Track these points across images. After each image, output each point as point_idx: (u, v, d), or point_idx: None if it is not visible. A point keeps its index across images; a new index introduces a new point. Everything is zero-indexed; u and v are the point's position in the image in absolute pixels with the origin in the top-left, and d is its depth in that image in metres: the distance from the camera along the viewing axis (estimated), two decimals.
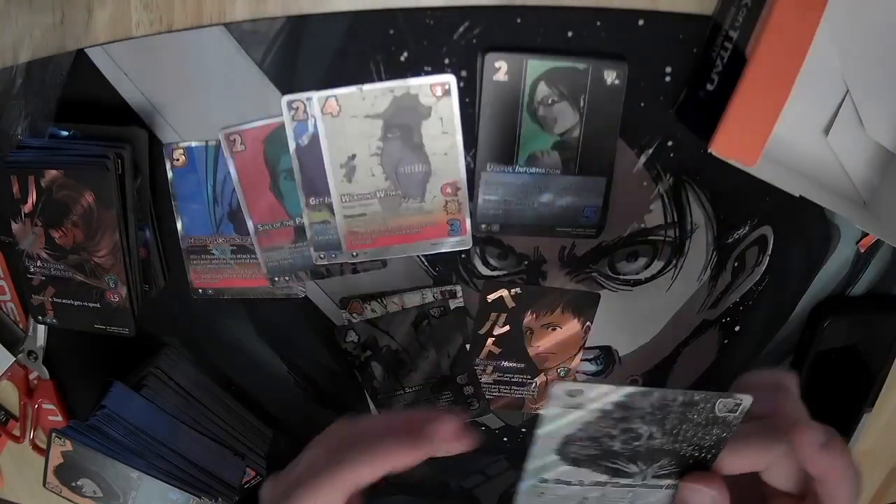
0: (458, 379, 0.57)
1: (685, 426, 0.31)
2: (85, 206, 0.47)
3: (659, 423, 0.31)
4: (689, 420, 0.31)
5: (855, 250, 0.54)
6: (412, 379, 0.56)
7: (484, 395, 0.58)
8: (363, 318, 0.53)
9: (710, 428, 0.31)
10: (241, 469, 0.56)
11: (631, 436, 0.32)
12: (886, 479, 0.70)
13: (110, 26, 0.44)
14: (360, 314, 0.53)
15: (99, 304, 0.50)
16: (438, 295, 0.53)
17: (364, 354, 0.55)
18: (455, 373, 0.56)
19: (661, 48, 0.44)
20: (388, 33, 0.44)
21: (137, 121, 0.47)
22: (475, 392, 0.57)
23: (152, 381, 0.54)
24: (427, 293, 0.52)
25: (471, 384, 0.57)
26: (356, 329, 0.54)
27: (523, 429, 0.61)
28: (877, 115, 0.46)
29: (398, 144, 0.46)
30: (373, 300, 0.53)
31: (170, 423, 0.53)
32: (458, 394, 0.57)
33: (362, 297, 0.53)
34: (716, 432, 0.32)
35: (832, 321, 0.55)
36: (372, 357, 0.55)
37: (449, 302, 0.53)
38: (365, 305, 0.53)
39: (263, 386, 0.59)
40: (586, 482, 0.34)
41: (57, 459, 0.50)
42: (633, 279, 0.53)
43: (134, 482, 0.49)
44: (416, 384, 0.57)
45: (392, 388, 0.57)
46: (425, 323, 0.53)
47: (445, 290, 0.52)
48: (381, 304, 0.53)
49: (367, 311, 0.53)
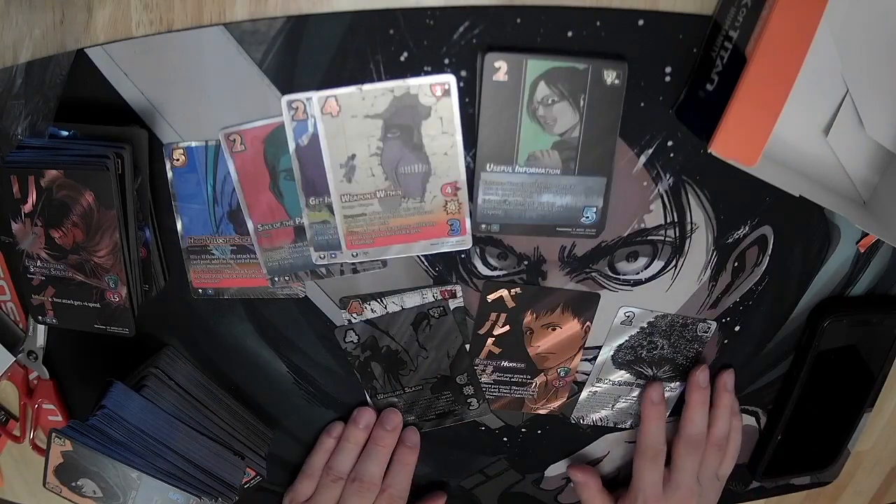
0: (458, 379, 0.57)
1: (682, 341, 0.53)
2: (85, 206, 0.47)
3: (667, 337, 0.54)
4: (684, 336, 0.55)
5: (855, 250, 0.54)
6: (412, 379, 0.56)
7: (484, 395, 0.58)
8: (363, 318, 0.53)
9: (693, 343, 0.53)
10: (241, 469, 0.56)
11: (652, 346, 0.55)
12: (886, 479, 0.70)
13: (110, 26, 0.44)
14: (359, 314, 0.53)
15: (99, 304, 0.50)
16: (438, 295, 0.53)
17: (364, 354, 0.55)
18: (455, 373, 0.56)
19: (661, 48, 0.44)
20: (388, 33, 0.44)
21: (137, 121, 0.47)
22: (475, 392, 0.57)
23: (152, 381, 0.54)
24: (427, 293, 0.52)
25: (470, 384, 0.57)
26: (356, 329, 0.54)
27: (523, 429, 0.61)
28: (877, 115, 0.46)
29: (398, 144, 0.46)
30: (372, 300, 0.53)
31: (170, 423, 0.53)
32: (457, 394, 0.58)
33: (362, 297, 0.53)
34: (695, 347, 0.56)
35: (832, 321, 0.55)
36: (371, 357, 0.55)
37: (449, 302, 0.53)
38: (365, 305, 0.53)
39: (263, 386, 0.59)
40: (617, 382, 0.57)
41: (57, 459, 0.50)
42: (633, 279, 0.53)
43: (134, 482, 0.49)
44: (416, 384, 0.57)
45: (392, 388, 0.57)
46: (425, 323, 0.53)
47: (445, 290, 0.52)
48: (381, 304, 0.53)
49: (366, 310, 0.53)
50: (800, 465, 0.65)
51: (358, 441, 0.58)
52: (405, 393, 0.57)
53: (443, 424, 0.60)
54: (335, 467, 0.58)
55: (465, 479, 0.64)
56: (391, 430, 0.58)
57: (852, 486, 0.69)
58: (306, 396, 0.59)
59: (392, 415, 0.58)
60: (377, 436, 0.58)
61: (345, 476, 0.57)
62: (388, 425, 0.58)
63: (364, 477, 0.57)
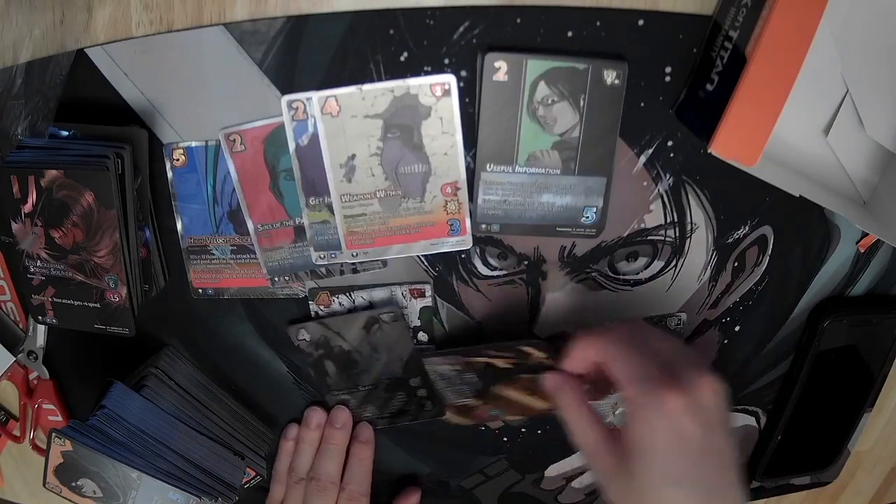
0: (412, 381, 0.56)
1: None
2: (85, 206, 0.47)
3: None
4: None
5: (855, 250, 0.54)
6: (365, 378, 0.56)
7: (439, 398, 0.57)
8: (331, 310, 0.53)
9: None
10: (241, 469, 0.56)
11: None
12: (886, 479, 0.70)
13: (110, 26, 0.44)
14: (327, 306, 0.53)
15: (99, 304, 0.50)
16: (407, 292, 0.52)
17: (317, 352, 0.55)
18: (408, 375, 0.56)
19: (661, 48, 0.44)
20: (388, 33, 0.44)
21: (137, 121, 0.47)
22: (428, 395, 0.57)
23: (152, 381, 0.54)
24: (396, 290, 0.52)
25: (424, 387, 0.56)
26: (307, 328, 0.53)
27: (523, 429, 0.61)
28: (877, 115, 0.46)
29: (398, 144, 0.46)
30: (341, 293, 0.53)
31: (170, 423, 0.53)
32: (411, 395, 0.57)
33: (331, 290, 0.53)
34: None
35: (832, 321, 0.55)
36: (325, 356, 0.55)
37: (416, 301, 0.53)
38: (333, 298, 0.53)
39: (263, 386, 0.59)
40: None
41: (57, 459, 0.50)
42: (633, 279, 0.53)
43: (134, 482, 0.49)
44: (370, 383, 0.56)
45: (345, 386, 0.57)
46: (376, 327, 0.53)
47: (414, 289, 0.52)
48: (349, 298, 0.53)
49: (334, 303, 0.53)
50: (800, 465, 0.65)
51: (312, 441, 0.58)
52: (359, 391, 0.57)
53: (398, 423, 0.60)
54: (296, 469, 0.58)
55: (465, 479, 0.64)
56: (340, 427, 0.58)
57: (852, 486, 0.69)
58: (306, 396, 0.59)
59: (340, 412, 0.58)
60: (328, 434, 0.58)
61: (306, 476, 0.58)
62: (337, 423, 0.58)
63: (321, 476, 0.57)
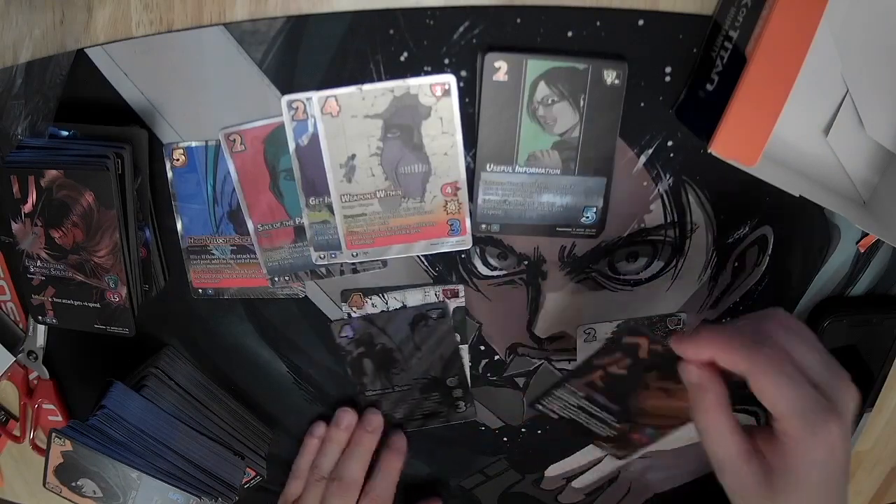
0: (449, 381, 0.56)
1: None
2: (85, 206, 0.47)
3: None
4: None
5: (855, 250, 0.54)
6: (402, 378, 0.56)
7: (472, 398, 0.58)
8: (363, 312, 0.53)
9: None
10: (241, 469, 0.56)
11: None
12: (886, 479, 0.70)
13: (110, 26, 0.44)
14: (360, 308, 0.53)
15: (99, 304, 0.50)
16: (440, 294, 0.53)
17: (357, 350, 0.55)
18: (446, 374, 0.56)
19: (661, 48, 0.44)
20: (388, 33, 0.44)
21: (137, 121, 0.47)
22: (463, 395, 0.57)
23: (152, 381, 0.54)
24: (430, 291, 0.52)
25: (460, 387, 0.57)
26: (353, 324, 0.54)
27: (523, 429, 0.61)
28: (877, 115, 0.46)
29: (398, 144, 0.46)
30: (374, 295, 0.53)
31: (170, 423, 0.53)
32: (446, 395, 0.57)
33: (364, 292, 0.53)
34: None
35: (832, 321, 0.55)
36: (364, 354, 0.55)
37: (450, 302, 0.53)
38: (366, 300, 0.53)
39: (263, 386, 0.59)
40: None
41: (57, 459, 0.50)
42: (633, 279, 0.53)
43: (134, 482, 0.49)
44: (406, 384, 0.57)
45: (381, 386, 0.57)
46: (422, 324, 0.53)
47: (447, 290, 0.52)
48: (383, 300, 0.53)
49: (367, 305, 0.53)
50: None
51: (340, 441, 0.58)
52: (394, 392, 0.57)
53: (428, 425, 0.60)
54: (319, 467, 0.58)
55: (465, 479, 0.64)
56: (371, 431, 0.58)
57: (852, 486, 0.69)
58: (306, 396, 0.59)
59: (373, 416, 0.58)
60: (358, 436, 0.58)
61: (328, 476, 0.58)
62: (369, 426, 0.58)
63: (344, 477, 0.56)
